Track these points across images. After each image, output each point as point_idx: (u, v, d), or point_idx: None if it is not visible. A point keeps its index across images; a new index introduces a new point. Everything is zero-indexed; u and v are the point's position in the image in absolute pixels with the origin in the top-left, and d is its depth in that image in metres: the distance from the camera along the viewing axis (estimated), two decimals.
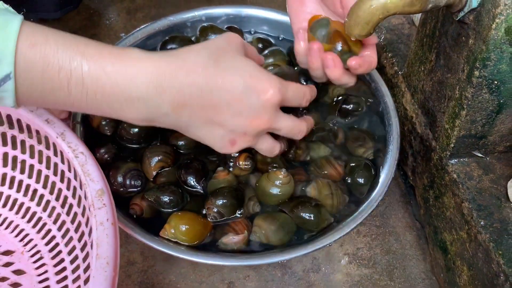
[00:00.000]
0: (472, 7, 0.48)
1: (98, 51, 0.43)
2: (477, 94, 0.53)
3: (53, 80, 0.42)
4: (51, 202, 0.65)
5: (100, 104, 0.44)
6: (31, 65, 0.41)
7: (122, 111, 0.45)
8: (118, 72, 0.43)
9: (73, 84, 0.42)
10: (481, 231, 0.54)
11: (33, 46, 0.41)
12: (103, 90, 0.43)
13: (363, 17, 0.49)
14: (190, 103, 0.45)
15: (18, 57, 0.40)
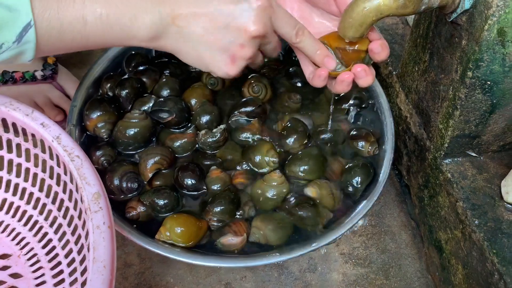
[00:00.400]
0: (464, 8, 0.49)
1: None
2: (470, 95, 0.53)
3: (69, 12, 0.43)
4: (47, 205, 0.65)
5: (112, 27, 0.45)
6: (45, 4, 0.42)
7: (132, 31, 0.46)
8: (119, 16, 0.45)
9: (88, 11, 0.44)
10: (475, 230, 0.55)
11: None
12: (115, 10, 0.45)
13: (357, 19, 0.50)
14: (185, 13, 0.46)
15: (33, 1, 0.42)
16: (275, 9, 0.48)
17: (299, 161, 0.62)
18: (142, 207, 0.60)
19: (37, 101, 0.80)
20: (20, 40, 0.43)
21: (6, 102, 0.60)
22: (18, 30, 0.42)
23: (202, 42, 0.48)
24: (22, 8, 0.42)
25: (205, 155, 0.66)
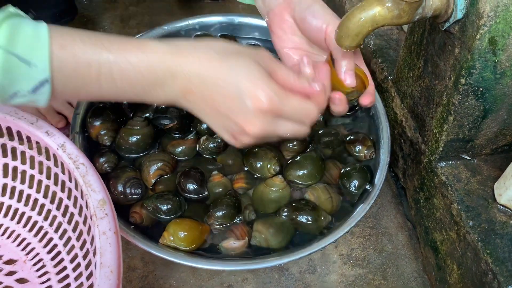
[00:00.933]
0: (457, 18, 0.50)
1: (121, 45, 0.47)
2: (463, 101, 0.55)
3: (84, 75, 0.46)
4: (52, 211, 0.66)
5: (126, 91, 0.48)
6: (63, 65, 0.45)
7: (145, 96, 0.49)
8: (141, 62, 0.47)
9: (103, 77, 0.46)
10: (470, 231, 0.57)
11: (62, 48, 0.45)
12: (129, 79, 0.47)
13: (353, 29, 0.51)
14: (195, 91, 0.48)
15: (52, 60, 0.44)
16: (281, 107, 0.48)
17: (298, 166, 0.64)
18: (145, 211, 0.62)
19: (39, 108, 0.81)
20: (36, 91, 0.45)
21: (11, 111, 0.61)
22: (34, 83, 0.45)
23: (208, 118, 0.50)
24: (40, 64, 0.44)
25: (206, 160, 0.67)
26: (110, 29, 0.99)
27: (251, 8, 1.04)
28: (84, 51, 0.45)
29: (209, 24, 0.81)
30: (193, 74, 0.47)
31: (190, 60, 0.48)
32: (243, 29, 0.82)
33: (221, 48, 0.49)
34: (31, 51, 0.43)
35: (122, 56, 0.46)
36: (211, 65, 0.47)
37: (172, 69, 0.47)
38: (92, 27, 0.99)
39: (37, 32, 0.44)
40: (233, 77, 0.47)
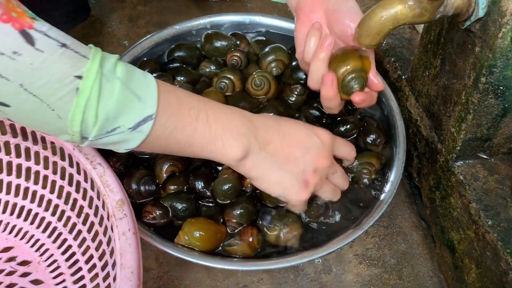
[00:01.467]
0: (478, 16, 0.50)
1: (210, 101, 0.54)
2: (483, 99, 0.55)
3: (185, 116, 0.50)
4: (66, 212, 0.66)
5: (215, 139, 0.52)
6: (168, 104, 0.49)
7: (227, 145, 0.53)
8: (232, 112, 0.54)
9: (200, 120, 0.51)
10: (489, 231, 0.56)
11: (168, 91, 0.49)
12: (222, 126, 0.52)
13: (374, 28, 0.51)
14: (273, 140, 0.55)
15: (160, 98, 0.48)
16: (335, 141, 0.59)
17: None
18: (158, 211, 0.61)
19: None
20: (136, 128, 0.47)
21: None
22: (139, 119, 0.47)
23: (284, 168, 0.55)
24: (149, 100, 0.47)
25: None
26: (119, 28, 0.98)
27: (259, 7, 1.04)
28: (186, 96, 0.51)
29: (220, 23, 0.81)
30: (268, 125, 0.56)
31: (261, 117, 0.57)
32: (254, 28, 0.82)
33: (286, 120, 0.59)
34: (143, 88, 0.47)
35: (217, 106, 0.53)
36: (277, 119, 0.58)
37: (252, 120, 0.55)
38: (100, 26, 0.98)
39: (146, 75, 0.48)
40: (298, 125, 0.58)
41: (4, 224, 0.68)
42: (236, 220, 0.59)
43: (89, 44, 0.46)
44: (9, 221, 0.68)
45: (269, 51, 0.74)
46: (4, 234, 0.67)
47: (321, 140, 0.57)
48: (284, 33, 0.81)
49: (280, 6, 1.05)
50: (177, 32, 0.79)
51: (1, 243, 0.67)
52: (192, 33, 0.80)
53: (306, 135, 0.56)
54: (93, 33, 0.97)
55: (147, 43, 0.76)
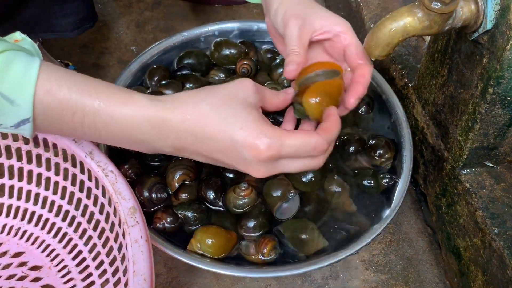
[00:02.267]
0: (486, 29, 0.51)
1: (107, 98, 0.46)
2: (490, 110, 0.56)
3: (68, 122, 0.46)
4: (77, 218, 0.67)
5: (112, 142, 0.50)
6: (47, 110, 0.45)
7: (132, 148, 0.50)
8: (125, 118, 0.46)
9: (86, 126, 0.47)
10: (495, 239, 0.57)
11: (47, 93, 0.45)
12: (113, 134, 0.47)
13: (384, 40, 0.52)
14: (187, 147, 0.48)
15: (36, 103, 0.45)
16: (281, 150, 0.46)
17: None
18: (169, 217, 0.62)
19: None
20: (18, 127, 0.46)
21: None
22: (17, 120, 0.46)
23: (210, 163, 0.50)
24: (24, 104, 0.44)
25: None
26: (126, 34, 0.99)
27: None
28: (70, 99, 0.45)
29: (228, 30, 0.82)
30: (182, 130, 0.46)
31: (176, 116, 0.46)
32: (262, 34, 0.83)
33: (205, 95, 0.48)
34: (16, 90, 0.44)
35: (106, 109, 0.46)
36: (201, 120, 0.46)
37: (158, 126, 0.46)
38: (107, 32, 0.99)
39: (27, 71, 0.44)
40: (226, 129, 0.45)
41: (15, 229, 0.69)
42: (251, 234, 0.60)
43: None
44: (20, 227, 0.69)
45: (280, 63, 0.75)
46: (16, 239, 0.68)
47: (251, 156, 0.45)
48: None
49: None
50: (186, 39, 0.79)
51: (12, 248, 0.67)
52: (201, 40, 0.81)
53: (233, 146, 0.46)
54: (101, 38, 0.98)
55: (155, 50, 0.77)
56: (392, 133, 0.71)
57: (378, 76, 0.75)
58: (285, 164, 0.48)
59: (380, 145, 0.68)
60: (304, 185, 0.64)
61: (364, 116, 0.73)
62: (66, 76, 0.46)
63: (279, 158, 0.46)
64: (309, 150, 0.47)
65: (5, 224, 0.69)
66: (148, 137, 0.47)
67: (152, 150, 0.50)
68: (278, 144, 0.45)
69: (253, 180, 0.65)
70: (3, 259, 0.66)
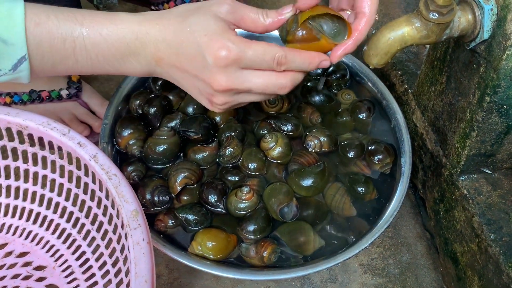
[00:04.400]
0: (483, 38, 0.52)
1: (93, 18, 0.49)
2: (487, 117, 0.56)
3: (60, 51, 0.48)
4: (81, 219, 0.68)
5: (103, 64, 0.50)
6: (39, 42, 0.47)
7: (122, 68, 0.51)
8: (111, 33, 0.49)
9: (78, 51, 0.48)
10: (491, 245, 0.58)
11: (37, 25, 0.47)
12: (103, 52, 0.49)
13: (382, 48, 0.53)
14: (164, 56, 0.50)
15: (28, 38, 0.46)
16: (242, 55, 0.47)
17: (304, 176, 0.65)
18: (170, 220, 0.63)
19: (63, 118, 0.83)
20: (16, 69, 0.48)
21: (44, 121, 0.63)
22: (14, 61, 0.47)
23: (183, 84, 0.52)
24: (17, 42, 0.46)
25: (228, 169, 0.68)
26: None
27: None
28: (58, 26, 0.47)
29: None
30: (159, 39, 0.49)
31: (155, 26, 0.49)
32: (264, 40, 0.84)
33: (182, 9, 0.50)
34: (7, 30, 0.45)
35: (94, 29, 0.48)
36: (173, 29, 0.49)
37: (141, 37, 0.49)
38: None
39: (12, 11, 0.46)
40: (193, 36, 0.48)
41: (20, 230, 0.70)
42: (251, 237, 0.61)
43: None
44: (25, 227, 0.71)
45: None
46: (21, 240, 0.70)
47: (213, 60, 0.47)
48: None
49: None
50: None
51: (18, 248, 0.69)
52: None
53: (198, 52, 0.47)
54: None
55: None
56: (392, 138, 0.72)
57: (379, 82, 0.76)
58: (247, 75, 0.48)
59: (380, 150, 0.68)
60: (305, 190, 0.65)
61: (365, 121, 0.74)
62: (52, 8, 0.48)
63: (240, 65, 0.48)
64: (269, 59, 0.48)
65: (10, 225, 0.70)
66: (133, 48, 0.49)
67: (140, 68, 0.51)
68: (239, 49, 0.47)
69: (254, 184, 0.66)
70: (8, 259, 0.68)
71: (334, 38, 0.51)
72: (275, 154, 0.69)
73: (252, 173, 0.68)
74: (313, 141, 0.69)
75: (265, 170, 0.68)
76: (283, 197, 0.63)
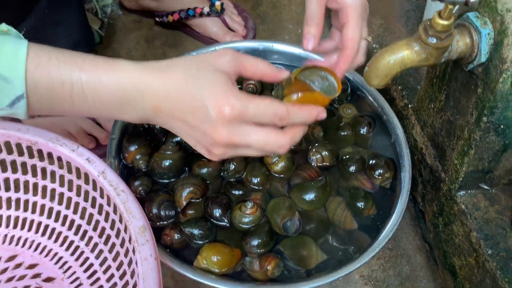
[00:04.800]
0: (481, 61, 0.54)
1: (94, 63, 0.50)
2: (484, 136, 0.58)
3: (58, 93, 0.49)
4: (89, 232, 0.70)
5: (99, 109, 0.51)
6: (38, 83, 0.48)
7: (118, 114, 0.52)
8: (111, 80, 0.49)
9: (75, 94, 0.49)
10: (489, 259, 0.60)
11: (38, 66, 0.48)
12: (100, 98, 0.50)
13: (382, 71, 0.55)
14: (165, 108, 0.51)
15: (28, 78, 0.48)
16: (245, 111, 0.49)
17: (306, 191, 0.67)
18: (176, 234, 0.65)
19: (70, 130, 0.84)
20: (13, 106, 0.49)
21: (53, 138, 0.65)
22: (12, 98, 0.48)
23: (181, 133, 0.53)
24: (17, 81, 0.47)
25: (232, 184, 0.70)
26: (136, 49, 1.02)
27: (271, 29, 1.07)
28: (58, 69, 0.48)
29: (235, 50, 0.84)
30: (160, 91, 0.50)
31: (156, 78, 0.50)
32: (267, 54, 0.86)
33: (184, 62, 0.51)
34: (9, 68, 0.47)
35: (93, 74, 0.49)
36: (175, 83, 0.50)
37: (140, 87, 0.50)
38: (118, 47, 1.02)
39: (17, 51, 0.47)
40: (198, 92, 0.49)
41: (29, 242, 0.72)
42: (255, 251, 0.63)
43: None
44: (34, 239, 0.72)
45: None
46: (30, 252, 0.71)
47: (215, 114, 0.48)
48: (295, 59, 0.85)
49: (291, 28, 1.08)
50: None
51: (27, 260, 0.71)
52: None
53: (201, 106, 0.49)
54: (111, 53, 1.01)
55: None
56: (392, 153, 0.73)
57: (379, 97, 0.77)
58: (248, 131, 0.50)
59: (380, 164, 0.70)
60: (307, 204, 0.67)
61: (365, 136, 0.75)
62: (54, 50, 0.49)
63: (243, 120, 0.49)
64: (271, 114, 0.50)
65: (20, 237, 0.72)
66: (132, 98, 0.50)
67: (136, 116, 0.52)
68: (242, 106, 0.49)
69: (257, 198, 0.68)
70: (18, 271, 0.69)
71: (326, 92, 0.53)
72: (278, 168, 0.70)
73: (255, 187, 0.70)
74: (315, 156, 0.71)
75: (268, 184, 0.70)
76: (286, 212, 0.65)
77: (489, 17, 0.52)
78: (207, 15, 0.99)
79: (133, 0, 1.04)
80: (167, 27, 1.05)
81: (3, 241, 0.72)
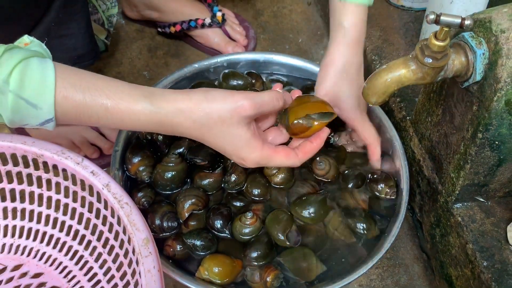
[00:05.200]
0: (476, 80, 0.55)
1: (116, 104, 0.54)
2: (480, 152, 0.60)
3: (86, 122, 0.55)
4: (93, 242, 0.71)
5: (123, 126, 0.56)
6: (66, 112, 0.53)
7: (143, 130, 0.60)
8: (135, 120, 0.55)
9: (102, 116, 0.54)
10: (484, 271, 0.61)
11: (65, 99, 0.52)
12: (126, 126, 0.56)
13: (380, 88, 0.56)
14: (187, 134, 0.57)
15: (56, 106, 0.51)
16: (268, 162, 0.58)
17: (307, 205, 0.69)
18: (178, 245, 0.66)
19: (74, 140, 0.86)
20: (42, 125, 0.53)
21: (58, 151, 0.66)
22: (41, 121, 0.52)
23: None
24: (46, 108, 0.51)
25: (234, 195, 0.72)
26: (138, 58, 1.04)
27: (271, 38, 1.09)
28: (85, 104, 0.52)
29: (236, 61, 0.86)
30: (181, 132, 0.56)
31: (181, 127, 0.56)
32: (268, 66, 0.87)
33: (205, 118, 0.55)
34: (38, 96, 0.50)
35: (117, 116, 0.54)
36: (195, 132, 0.56)
37: (163, 126, 0.56)
38: (120, 56, 1.04)
39: (44, 78, 0.50)
40: (219, 144, 0.57)
41: (34, 251, 0.73)
42: (254, 263, 0.64)
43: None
44: (39, 249, 0.74)
45: None
46: (35, 261, 0.73)
47: (241, 163, 0.59)
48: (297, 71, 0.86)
49: (292, 37, 1.10)
50: (196, 70, 0.84)
51: (32, 269, 0.72)
52: (210, 71, 0.85)
53: (222, 151, 0.58)
54: (114, 63, 1.02)
55: (168, 81, 0.82)
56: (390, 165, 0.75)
57: (378, 109, 0.79)
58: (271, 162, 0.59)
59: (380, 179, 0.72)
60: (307, 218, 0.68)
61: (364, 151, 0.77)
62: (80, 80, 0.53)
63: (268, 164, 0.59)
64: (287, 165, 0.61)
65: (25, 246, 0.74)
66: (154, 129, 0.57)
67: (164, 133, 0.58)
68: (264, 162, 0.58)
69: (258, 209, 0.69)
70: (24, 280, 0.71)
71: (321, 119, 0.61)
72: (278, 180, 0.72)
73: (256, 198, 0.71)
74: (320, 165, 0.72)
75: (268, 195, 0.71)
76: (284, 224, 0.66)
77: (484, 37, 0.54)
78: (209, 26, 1.00)
79: (135, 10, 1.06)
80: (169, 37, 1.07)
81: (9, 251, 0.73)
